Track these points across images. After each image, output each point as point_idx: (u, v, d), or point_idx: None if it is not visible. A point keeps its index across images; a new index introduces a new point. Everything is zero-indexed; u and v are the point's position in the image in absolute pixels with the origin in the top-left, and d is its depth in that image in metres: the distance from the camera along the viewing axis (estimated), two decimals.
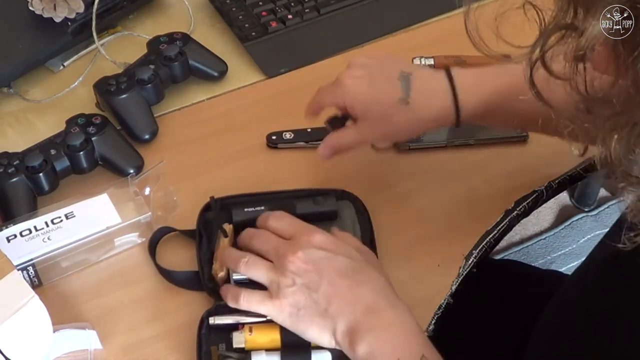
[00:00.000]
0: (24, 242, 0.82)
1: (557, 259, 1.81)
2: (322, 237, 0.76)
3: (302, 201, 0.86)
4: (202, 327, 0.78)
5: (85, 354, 0.77)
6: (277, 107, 1.02)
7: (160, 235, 0.87)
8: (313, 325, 0.73)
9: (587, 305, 0.70)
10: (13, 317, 0.67)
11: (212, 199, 0.86)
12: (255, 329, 0.76)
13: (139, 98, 0.97)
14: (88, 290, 0.84)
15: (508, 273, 1.09)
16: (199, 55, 1.04)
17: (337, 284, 0.73)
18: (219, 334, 0.77)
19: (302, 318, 0.73)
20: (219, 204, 0.86)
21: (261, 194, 0.88)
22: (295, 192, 0.88)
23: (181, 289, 0.83)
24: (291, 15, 1.11)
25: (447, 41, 1.10)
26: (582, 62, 0.53)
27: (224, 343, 0.77)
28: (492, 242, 0.88)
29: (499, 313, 0.98)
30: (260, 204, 0.85)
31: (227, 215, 0.85)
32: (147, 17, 1.14)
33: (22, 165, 0.88)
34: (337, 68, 1.07)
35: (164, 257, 0.86)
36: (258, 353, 0.75)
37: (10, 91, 1.04)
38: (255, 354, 0.75)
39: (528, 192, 0.91)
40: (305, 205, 0.86)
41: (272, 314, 0.75)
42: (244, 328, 0.76)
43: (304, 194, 0.88)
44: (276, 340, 0.76)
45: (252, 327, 0.77)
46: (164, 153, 0.96)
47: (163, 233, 0.87)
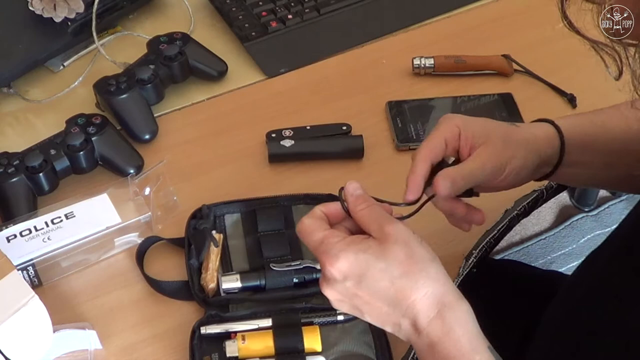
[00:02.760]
0: (24, 242, 0.82)
1: (557, 259, 1.81)
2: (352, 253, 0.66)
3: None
4: (194, 338, 0.77)
5: (85, 354, 0.77)
6: (277, 107, 1.02)
7: (147, 245, 0.86)
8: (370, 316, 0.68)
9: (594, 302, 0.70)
10: (13, 317, 0.67)
11: (204, 207, 0.87)
12: (248, 337, 0.76)
13: (139, 98, 0.97)
14: (88, 290, 0.84)
15: (508, 273, 1.09)
16: (199, 55, 1.04)
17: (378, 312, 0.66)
18: (211, 344, 0.77)
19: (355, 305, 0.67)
20: (209, 211, 0.86)
21: (255, 199, 0.89)
22: (291, 197, 0.89)
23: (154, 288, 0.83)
24: (291, 15, 1.11)
25: (447, 41, 1.10)
26: None
27: (216, 353, 0.76)
28: (492, 242, 0.88)
29: (499, 313, 0.97)
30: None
31: (220, 222, 0.86)
32: (147, 17, 1.14)
33: (22, 165, 0.88)
34: (337, 68, 1.08)
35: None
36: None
37: (10, 91, 1.04)
38: None
39: (528, 192, 0.91)
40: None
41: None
42: (237, 337, 0.76)
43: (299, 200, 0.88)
44: (270, 348, 0.76)
45: (244, 335, 0.76)
46: (164, 153, 0.96)
47: (150, 243, 0.86)
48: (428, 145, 0.74)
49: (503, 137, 0.75)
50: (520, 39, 1.09)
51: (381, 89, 1.04)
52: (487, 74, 1.05)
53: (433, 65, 1.04)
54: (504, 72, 1.05)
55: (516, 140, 0.76)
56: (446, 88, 1.04)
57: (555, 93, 1.03)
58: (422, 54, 1.05)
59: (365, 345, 0.78)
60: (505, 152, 0.75)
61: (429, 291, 0.63)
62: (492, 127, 0.76)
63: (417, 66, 1.04)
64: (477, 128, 0.75)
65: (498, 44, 1.07)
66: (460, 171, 0.73)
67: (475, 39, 1.10)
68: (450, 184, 0.71)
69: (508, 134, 0.76)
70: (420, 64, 1.04)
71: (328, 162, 0.95)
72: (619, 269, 0.67)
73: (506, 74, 1.05)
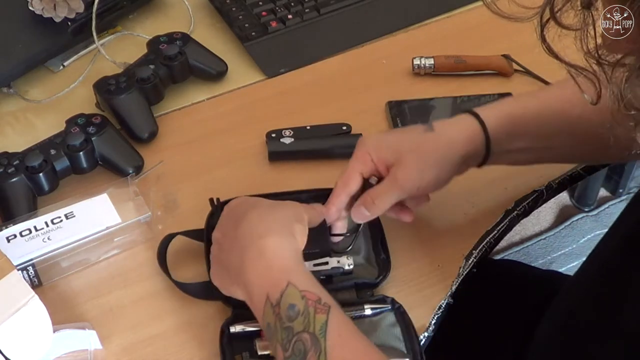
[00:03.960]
0: (24, 242, 0.82)
1: (557, 259, 1.81)
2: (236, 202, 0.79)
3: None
4: (223, 337, 0.77)
5: (85, 354, 0.77)
6: (277, 107, 1.02)
7: (166, 244, 0.84)
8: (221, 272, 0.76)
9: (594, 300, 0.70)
10: (13, 317, 0.67)
11: (211, 201, 0.86)
12: None
13: (138, 98, 0.97)
14: (88, 290, 0.84)
15: (508, 273, 1.09)
16: (199, 55, 1.04)
17: (231, 241, 0.75)
18: (241, 342, 0.76)
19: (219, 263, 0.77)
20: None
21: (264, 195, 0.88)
22: (296, 193, 0.88)
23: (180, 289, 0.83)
24: (291, 15, 1.11)
25: (447, 41, 1.10)
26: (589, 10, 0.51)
27: (247, 351, 0.76)
28: (492, 242, 0.88)
29: (499, 313, 0.98)
30: None
31: None
32: (147, 17, 1.14)
33: (22, 165, 0.88)
34: (337, 68, 1.08)
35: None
36: None
37: (10, 91, 1.04)
38: None
39: (528, 192, 0.91)
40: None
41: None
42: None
43: (305, 195, 0.88)
44: None
45: None
46: (164, 153, 0.96)
47: (169, 240, 0.85)
48: (343, 181, 0.79)
49: (415, 151, 0.78)
50: (520, 39, 1.09)
51: (381, 89, 1.04)
52: (487, 74, 1.05)
53: (433, 65, 1.04)
54: (504, 72, 1.05)
55: (428, 151, 0.79)
56: (446, 88, 1.04)
57: None
58: (422, 54, 1.05)
59: (394, 337, 0.78)
60: (419, 163, 0.78)
61: None
62: (403, 143, 0.79)
63: (417, 66, 1.04)
64: (387, 149, 0.79)
65: (498, 44, 1.07)
66: (378, 194, 0.78)
67: (475, 39, 1.10)
68: (368, 211, 0.78)
69: (420, 146, 0.79)
70: (420, 64, 1.04)
71: (328, 161, 0.95)
72: (620, 267, 0.67)
73: (506, 74, 1.05)
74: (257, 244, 0.71)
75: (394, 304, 0.79)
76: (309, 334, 0.65)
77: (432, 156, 0.78)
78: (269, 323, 0.68)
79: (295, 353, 0.65)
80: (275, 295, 0.68)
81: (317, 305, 0.67)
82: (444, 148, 0.79)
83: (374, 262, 0.83)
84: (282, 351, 0.66)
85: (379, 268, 0.83)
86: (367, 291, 0.81)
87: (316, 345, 0.65)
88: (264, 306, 0.68)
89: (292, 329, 0.66)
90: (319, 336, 0.65)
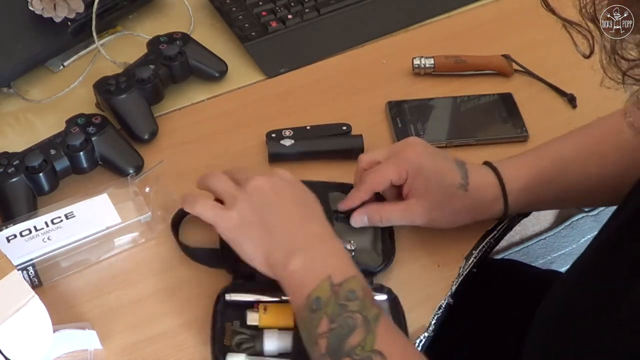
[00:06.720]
0: (24, 242, 0.81)
1: (557, 259, 1.81)
2: (281, 172, 0.79)
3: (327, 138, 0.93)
4: (218, 303, 0.79)
5: (85, 354, 0.77)
6: (277, 107, 1.02)
7: (183, 213, 0.87)
8: (251, 240, 0.75)
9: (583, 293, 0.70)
10: (13, 317, 0.67)
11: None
12: (270, 308, 0.78)
13: (138, 98, 0.97)
14: (88, 290, 0.84)
15: (508, 273, 1.09)
16: (199, 55, 1.04)
17: (290, 210, 0.76)
18: (234, 311, 0.78)
19: (244, 230, 0.75)
20: None
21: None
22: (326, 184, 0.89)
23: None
24: (291, 15, 1.11)
25: (447, 41, 1.10)
26: None
27: (238, 320, 0.78)
28: (492, 242, 0.88)
29: (499, 313, 0.98)
30: None
31: None
32: (147, 17, 1.14)
33: (22, 165, 0.88)
34: (337, 68, 1.08)
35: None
36: (271, 331, 0.77)
37: (10, 91, 1.04)
38: (268, 332, 0.77)
39: None
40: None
41: (218, 221, 0.76)
42: (259, 306, 0.78)
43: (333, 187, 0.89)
44: (289, 320, 0.77)
45: (267, 306, 0.78)
46: (164, 153, 0.96)
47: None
48: (374, 181, 0.82)
49: (441, 203, 0.82)
50: (520, 39, 1.09)
51: (381, 89, 1.04)
52: (487, 74, 1.05)
53: (433, 65, 1.04)
54: (504, 72, 1.05)
55: (454, 208, 0.82)
56: (446, 88, 1.04)
57: (555, 93, 1.03)
58: (422, 54, 1.05)
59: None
60: (441, 212, 0.82)
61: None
62: (439, 188, 0.82)
63: (417, 66, 1.04)
64: (422, 182, 0.81)
65: (498, 44, 1.08)
66: (388, 215, 0.83)
67: (475, 39, 1.10)
68: (369, 222, 0.83)
69: (449, 198, 0.82)
70: (420, 64, 1.04)
71: (328, 161, 0.95)
72: (613, 262, 0.67)
73: (506, 74, 1.05)
74: (325, 225, 0.75)
75: (390, 294, 0.80)
76: (362, 316, 0.69)
77: (454, 210, 0.82)
78: (318, 297, 0.69)
79: (342, 326, 0.68)
80: (339, 278, 0.70)
81: (373, 301, 0.70)
82: (467, 213, 0.83)
83: (380, 250, 0.84)
84: (329, 322, 0.68)
85: (383, 257, 0.83)
86: (367, 278, 0.81)
87: (367, 326, 0.68)
88: (321, 281, 0.70)
89: (347, 307, 0.69)
90: (371, 320, 0.68)
